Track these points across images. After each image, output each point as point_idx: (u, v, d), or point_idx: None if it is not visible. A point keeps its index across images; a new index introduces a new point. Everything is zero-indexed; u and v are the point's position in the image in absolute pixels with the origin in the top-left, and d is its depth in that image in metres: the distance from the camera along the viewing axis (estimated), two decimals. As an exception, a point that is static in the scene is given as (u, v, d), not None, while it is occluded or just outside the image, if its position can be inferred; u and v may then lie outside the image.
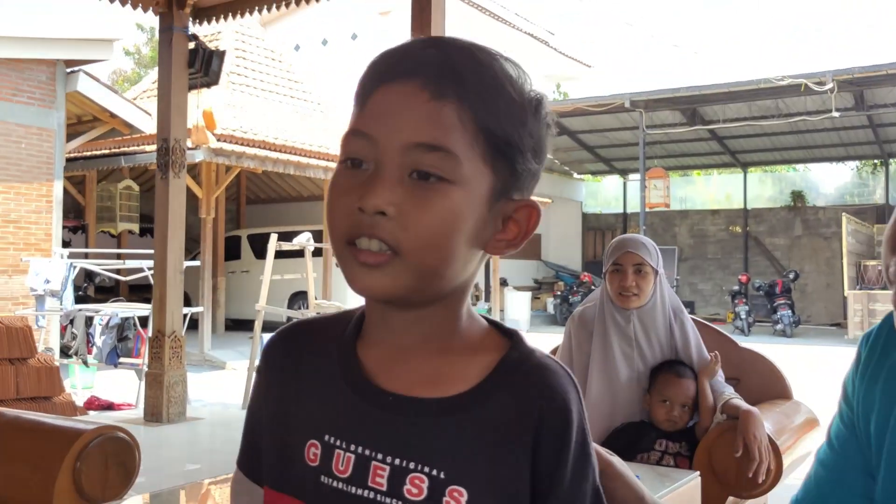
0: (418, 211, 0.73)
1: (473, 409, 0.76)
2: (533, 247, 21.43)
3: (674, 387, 2.53)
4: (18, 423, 2.48)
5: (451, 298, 0.80)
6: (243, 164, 11.12)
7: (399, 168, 0.73)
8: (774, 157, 20.83)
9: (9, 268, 9.62)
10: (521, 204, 0.79)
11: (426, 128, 0.73)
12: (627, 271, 2.57)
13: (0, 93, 9.48)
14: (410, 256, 0.73)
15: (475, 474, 0.73)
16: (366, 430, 0.77)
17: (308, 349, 0.84)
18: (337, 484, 0.76)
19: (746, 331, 15.82)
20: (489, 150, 0.75)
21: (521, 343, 0.81)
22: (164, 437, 6.01)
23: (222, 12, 6.76)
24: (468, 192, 0.74)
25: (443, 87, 0.73)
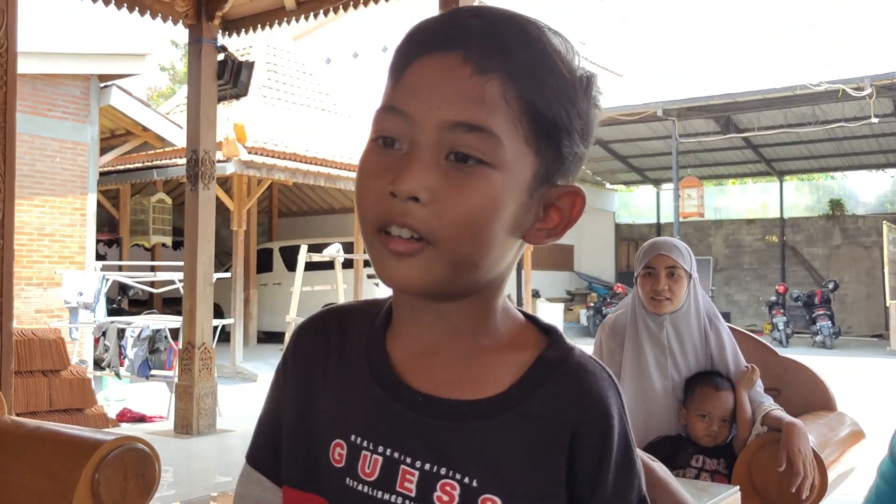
0: (455, 197, 0.66)
1: (508, 412, 0.70)
2: (565, 258, 21.28)
3: (713, 401, 2.42)
4: (38, 434, 2.45)
5: (487, 291, 0.73)
6: (274, 176, 11.16)
7: (435, 149, 0.67)
8: (811, 165, 20.48)
9: (44, 280, 9.73)
10: (564, 191, 0.73)
11: (467, 105, 0.66)
12: (660, 275, 2.47)
13: (36, 108, 9.62)
14: (444, 245, 0.67)
15: (509, 482, 0.68)
16: (394, 431, 0.71)
17: (337, 339, 0.79)
18: (362, 487, 0.71)
19: (784, 342, 15.50)
20: (534, 131, 0.69)
21: (559, 341, 0.74)
22: (194, 449, 5.99)
23: (251, 24, 6.77)
24: (509, 177, 0.68)
25: (487, 60, 0.67)
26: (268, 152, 11.46)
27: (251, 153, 10.97)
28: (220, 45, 6.47)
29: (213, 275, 6.49)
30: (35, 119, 9.60)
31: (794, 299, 16.58)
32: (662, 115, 15.92)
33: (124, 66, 10.30)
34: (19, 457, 2.40)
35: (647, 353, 2.50)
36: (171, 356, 7.45)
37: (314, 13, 6.43)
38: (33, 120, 9.56)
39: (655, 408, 2.49)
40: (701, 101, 15.81)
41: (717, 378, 2.47)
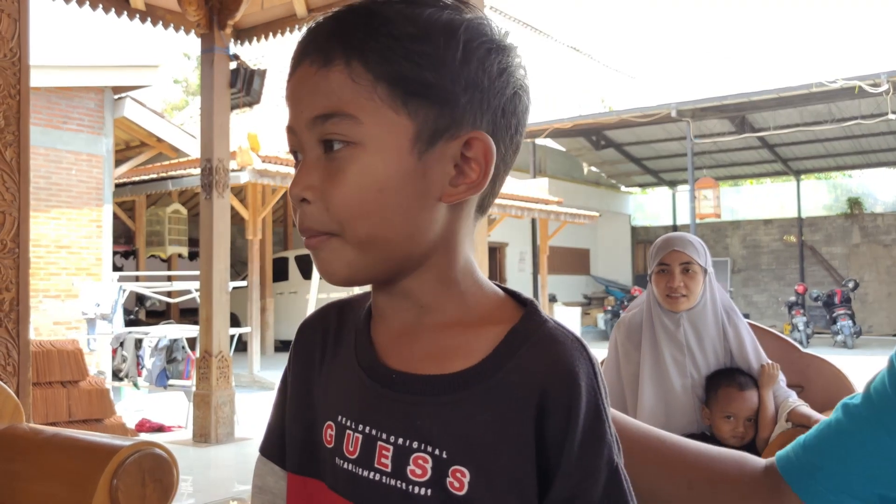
0: (332, 186, 0.70)
1: (477, 385, 0.71)
2: (582, 262, 21.21)
3: (737, 401, 2.37)
4: (56, 441, 2.44)
5: (434, 262, 0.74)
6: (288, 184, 11.18)
7: (313, 148, 0.72)
8: (828, 164, 20.33)
9: (61, 292, 9.78)
10: (463, 139, 0.71)
11: (318, 99, 0.70)
12: (674, 271, 2.42)
13: (51, 121, 9.70)
14: (343, 233, 0.71)
15: (477, 454, 0.69)
16: (372, 409, 0.74)
17: (334, 330, 0.82)
18: (348, 465, 0.74)
19: (805, 342, 15.37)
20: (395, 97, 0.69)
21: (533, 313, 0.74)
22: (213, 457, 5.99)
23: (263, 32, 6.80)
24: (380, 149, 0.70)
25: (328, 53, 0.70)
26: (282, 161, 11.49)
27: (265, 162, 11.01)
28: (232, 53, 6.50)
29: (228, 283, 6.50)
30: (50, 132, 9.67)
31: (814, 299, 16.44)
32: (677, 115, 15.85)
33: (138, 77, 10.37)
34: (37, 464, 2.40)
35: (665, 352, 2.45)
36: (189, 365, 7.46)
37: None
38: (48, 133, 9.63)
39: (676, 407, 2.44)
40: (715, 101, 15.73)
41: (739, 377, 2.42)
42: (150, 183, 12.23)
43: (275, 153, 11.69)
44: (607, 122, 16.95)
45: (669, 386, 2.44)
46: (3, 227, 2.83)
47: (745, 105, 15.65)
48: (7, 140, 2.84)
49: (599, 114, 19.23)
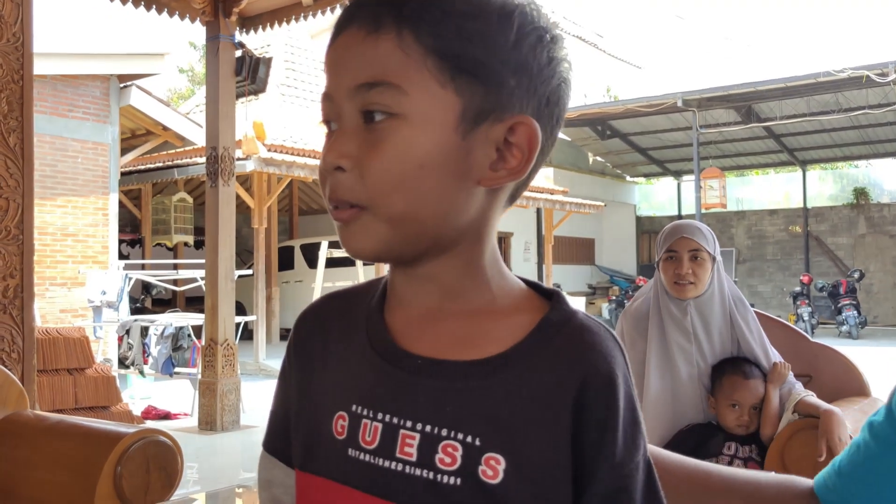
0: (371, 156, 0.68)
1: (511, 371, 0.69)
2: (586, 251, 21.18)
3: (742, 389, 2.35)
4: (60, 428, 2.43)
5: (464, 247, 0.73)
6: (293, 173, 11.18)
7: (352, 116, 0.69)
8: (835, 154, 20.23)
9: (68, 280, 9.80)
10: (510, 123, 0.70)
11: (364, 66, 0.68)
12: (683, 258, 2.39)
13: (56, 109, 9.69)
14: (376, 206, 0.68)
15: (513, 441, 0.67)
16: (393, 396, 0.71)
17: (338, 319, 0.79)
18: (364, 456, 0.70)
19: (810, 333, 15.31)
20: (445, 72, 0.67)
21: (562, 303, 0.73)
22: (219, 445, 6.00)
23: (268, 20, 6.76)
24: (425, 124, 0.67)
25: (378, 20, 0.68)
26: (287, 149, 11.47)
27: (271, 151, 10.99)
28: (237, 41, 6.47)
29: (234, 271, 6.50)
30: (56, 120, 9.67)
31: (819, 290, 16.39)
32: (682, 105, 15.78)
33: (143, 65, 10.35)
34: (41, 451, 2.40)
35: (672, 340, 2.43)
36: (195, 353, 7.47)
37: (331, 8, 6.42)
38: (54, 121, 9.63)
39: (682, 396, 2.42)
40: (721, 90, 15.65)
41: (745, 365, 2.41)
42: (156, 171, 12.23)
43: (280, 141, 11.67)
44: (613, 111, 16.88)
45: (676, 374, 2.42)
46: (6, 213, 2.82)
47: (751, 95, 15.57)
48: (10, 126, 2.83)
49: (605, 103, 19.17)
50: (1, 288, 2.86)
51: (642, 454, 0.70)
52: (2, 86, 2.83)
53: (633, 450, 0.69)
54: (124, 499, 2.19)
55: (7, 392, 2.56)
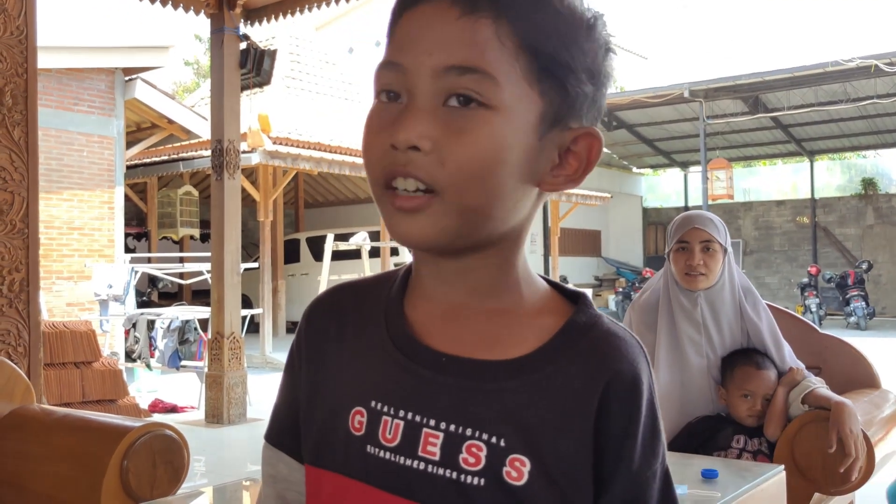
0: (455, 142, 0.64)
1: (537, 372, 0.68)
2: (593, 243, 21.14)
3: (755, 380, 2.33)
4: (67, 422, 2.43)
5: (504, 245, 0.71)
6: (299, 165, 11.17)
7: (432, 96, 0.65)
8: (843, 144, 20.13)
9: (74, 274, 9.82)
10: (578, 133, 0.70)
11: (458, 47, 0.64)
12: (694, 249, 2.37)
13: (62, 102, 9.68)
14: (450, 195, 0.65)
15: (538, 442, 0.66)
16: (416, 394, 0.69)
17: (352, 311, 0.77)
18: (384, 454, 0.69)
19: (818, 324, 15.27)
20: (534, 69, 0.66)
21: (588, 306, 0.73)
22: (225, 438, 6.01)
23: (273, 12, 6.73)
24: (511, 119, 0.66)
25: (475, 1, 0.65)
26: (292, 142, 11.46)
27: (276, 143, 10.98)
28: (242, 34, 6.45)
29: (240, 264, 6.49)
30: (61, 113, 9.66)
31: (827, 281, 16.32)
32: (689, 96, 15.71)
33: (148, 58, 10.34)
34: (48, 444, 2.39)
35: (682, 332, 2.42)
36: (201, 347, 7.48)
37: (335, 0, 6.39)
38: (59, 114, 9.62)
39: (692, 388, 2.41)
40: (728, 81, 15.56)
41: (757, 356, 2.38)
42: (162, 165, 12.23)
43: (286, 134, 11.65)
44: (619, 102, 16.81)
45: (686, 366, 2.41)
46: (11, 207, 2.81)
47: (758, 85, 15.49)
48: (15, 119, 2.82)
49: (611, 94, 19.08)
50: (7, 282, 2.85)
51: (660, 462, 0.70)
52: (6, 79, 2.82)
53: (651, 458, 0.70)
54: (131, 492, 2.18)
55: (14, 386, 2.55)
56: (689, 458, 2.02)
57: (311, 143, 11.69)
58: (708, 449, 2.29)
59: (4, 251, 2.82)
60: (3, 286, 2.82)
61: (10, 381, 2.53)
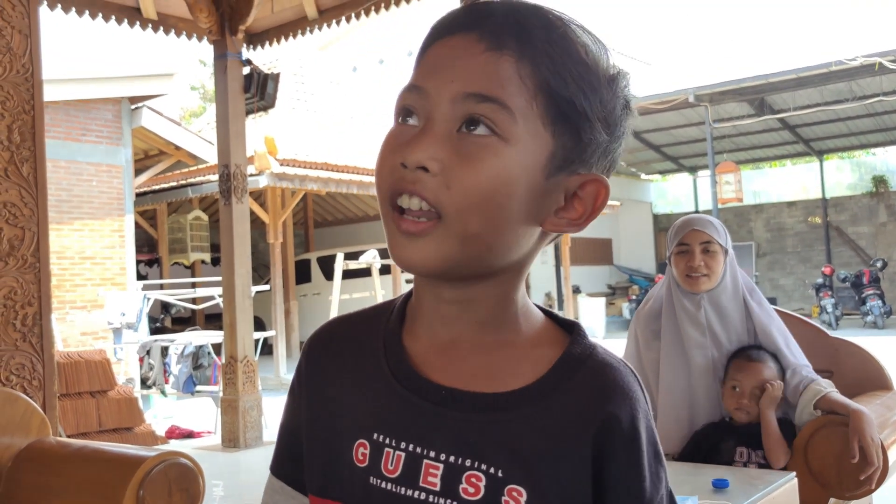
0: (464, 167, 0.66)
1: (535, 405, 0.70)
2: (604, 252, 21.09)
3: (743, 370, 2.30)
4: (83, 454, 2.45)
5: (504, 279, 0.73)
6: (307, 186, 11.22)
7: (448, 121, 0.68)
8: (851, 143, 20.03)
9: (87, 303, 9.88)
10: (586, 178, 0.72)
11: (479, 78, 0.67)
12: (695, 251, 2.37)
13: (70, 133, 9.78)
14: (453, 220, 0.67)
15: (536, 473, 0.68)
16: (417, 426, 0.71)
17: (351, 344, 0.79)
18: (386, 485, 0.70)
19: (834, 325, 15.17)
20: (551, 111, 0.68)
21: (582, 337, 0.75)
22: (242, 462, 6.01)
23: (275, 36, 6.80)
24: (522, 154, 0.68)
25: (502, 39, 0.68)
26: (299, 163, 11.52)
27: (283, 165, 11.04)
28: (245, 58, 6.50)
29: (251, 287, 6.52)
30: (70, 144, 9.76)
31: (842, 280, 16.21)
32: (694, 101, 15.69)
33: (153, 86, 10.44)
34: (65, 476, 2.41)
35: (686, 335, 2.41)
36: (216, 371, 7.50)
37: (336, 20, 6.44)
38: (68, 145, 9.72)
39: (698, 390, 2.39)
40: (733, 84, 15.53)
41: (752, 350, 2.36)
42: (171, 191, 12.31)
43: (292, 155, 11.71)
44: (624, 110, 16.78)
45: (692, 368, 2.40)
46: (22, 242, 2.84)
47: (763, 87, 15.46)
48: (23, 156, 2.86)
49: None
50: (20, 316, 2.88)
51: (665, 486, 0.72)
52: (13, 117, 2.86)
53: (658, 484, 0.71)
54: (147, 522, 2.19)
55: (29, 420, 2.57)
56: (699, 468, 2.01)
57: (317, 164, 11.74)
58: (711, 462, 2.26)
59: (17, 286, 2.85)
60: (17, 321, 2.85)
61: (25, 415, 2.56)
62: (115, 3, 6.17)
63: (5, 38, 2.81)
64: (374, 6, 6.23)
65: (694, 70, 17.19)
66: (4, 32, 2.81)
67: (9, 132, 2.82)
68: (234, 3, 6.20)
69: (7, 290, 2.83)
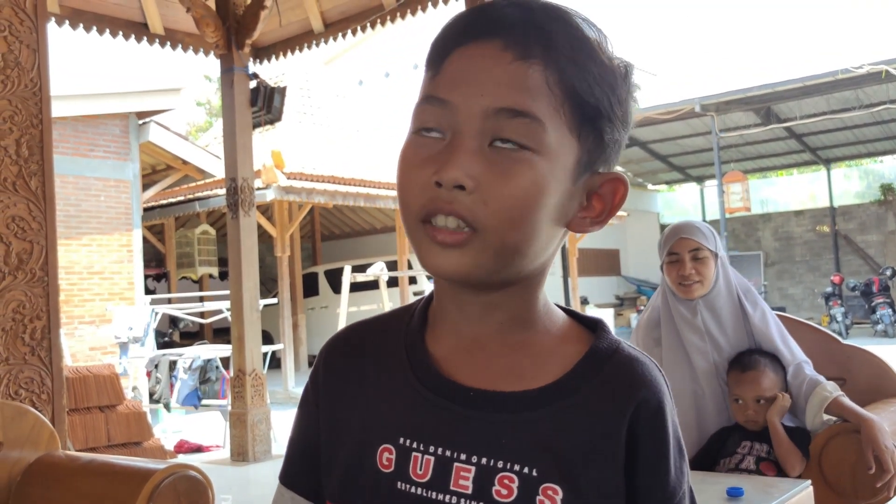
0: (500, 183, 0.66)
1: (563, 401, 0.70)
2: (612, 263, 21.05)
3: (741, 384, 2.30)
4: (91, 468, 2.44)
5: (530, 281, 0.73)
6: (314, 199, 11.24)
7: (479, 136, 0.67)
8: (859, 151, 19.98)
9: (96, 318, 9.89)
10: (606, 178, 0.73)
11: (510, 91, 0.66)
12: (685, 258, 2.38)
13: (77, 149, 9.83)
14: (491, 234, 0.66)
15: (569, 471, 0.67)
16: (445, 429, 0.70)
17: (371, 349, 0.78)
18: (416, 489, 0.69)
19: (844, 334, 15.08)
20: (577, 117, 0.68)
21: (607, 333, 0.75)
22: (252, 475, 6.00)
23: (281, 49, 6.83)
24: (554, 163, 0.68)
25: (527, 47, 0.67)
26: (306, 176, 11.55)
27: (290, 178, 11.07)
28: (251, 72, 6.53)
29: (259, 301, 6.52)
30: (77, 160, 9.80)
31: (851, 289, 16.13)
32: (700, 110, 15.69)
33: (161, 101, 10.49)
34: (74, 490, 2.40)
35: (686, 341, 2.41)
36: (224, 385, 7.49)
37: (342, 34, 6.47)
38: (76, 161, 9.76)
39: (705, 395, 2.38)
40: (739, 93, 15.52)
41: (744, 357, 2.36)
42: (178, 205, 12.35)
43: (299, 169, 11.75)
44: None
45: (695, 373, 2.39)
46: (31, 256, 2.85)
47: (769, 96, 15.44)
48: (32, 170, 2.87)
49: (622, 113, 19.03)
50: (28, 330, 2.88)
51: (687, 481, 0.72)
52: (22, 131, 2.87)
53: (682, 478, 0.71)
54: (157, 536, 2.18)
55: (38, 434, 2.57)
56: (713, 477, 2.00)
57: (324, 177, 11.77)
58: (718, 456, 2.27)
59: (25, 300, 2.85)
60: (25, 335, 2.85)
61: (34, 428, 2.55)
62: (122, 19, 6.21)
63: (14, 52, 2.82)
64: (379, 19, 6.25)
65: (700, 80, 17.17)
66: (13, 47, 2.83)
67: (17, 146, 2.83)
68: (240, 17, 6.23)
69: (16, 304, 2.83)
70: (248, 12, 6.18)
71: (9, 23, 2.83)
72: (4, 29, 2.82)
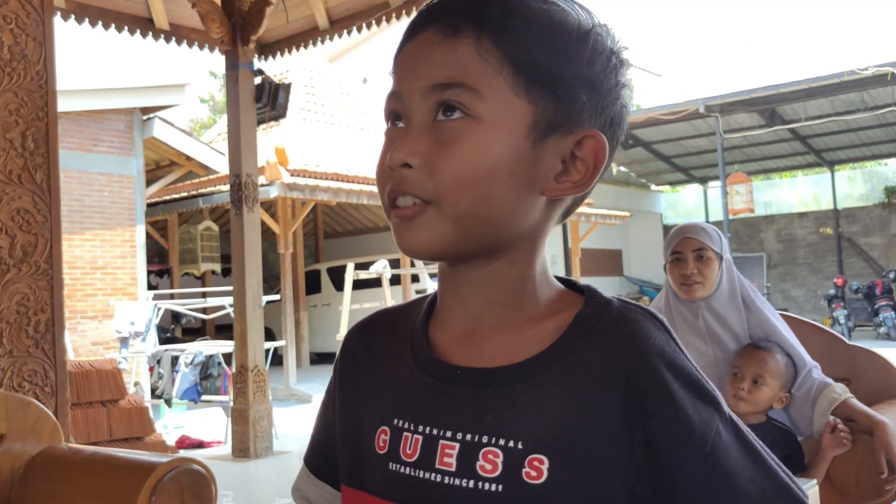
0: (443, 153, 0.68)
1: (550, 370, 0.68)
2: (615, 263, 21.05)
3: (746, 357, 2.26)
4: (94, 460, 2.44)
5: (517, 256, 0.73)
6: (317, 197, 11.24)
7: (423, 115, 0.70)
8: (863, 153, 19.96)
9: (98, 313, 9.90)
10: (579, 136, 0.71)
11: (440, 67, 0.69)
12: (688, 258, 2.34)
13: (82, 144, 9.84)
14: (444, 203, 0.68)
15: (556, 440, 0.66)
16: (433, 408, 0.71)
17: (384, 336, 0.82)
18: (404, 469, 0.71)
19: (847, 336, 15.05)
20: (520, 79, 0.69)
21: (596, 296, 0.73)
22: (253, 471, 6.00)
23: (286, 46, 6.84)
24: (498, 128, 0.68)
25: (457, 24, 0.69)
26: (310, 174, 11.55)
27: (294, 175, 11.07)
28: (256, 69, 6.53)
29: (262, 297, 6.52)
30: (82, 155, 9.81)
31: (854, 291, 16.11)
32: (705, 111, 15.67)
33: (165, 97, 10.49)
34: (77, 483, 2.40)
35: (688, 343, 2.38)
36: (226, 381, 7.49)
37: (347, 30, 6.47)
38: (80, 156, 9.77)
39: None
40: (744, 94, 15.51)
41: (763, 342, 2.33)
42: (181, 201, 12.35)
43: (303, 166, 11.74)
44: (635, 120, 16.81)
45: None
46: (35, 248, 2.84)
47: (774, 97, 15.43)
48: (37, 162, 2.86)
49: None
50: (32, 323, 2.88)
51: (720, 414, 0.67)
52: (27, 123, 2.87)
53: (709, 419, 0.66)
54: (159, 529, 2.18)
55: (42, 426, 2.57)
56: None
57: (328, 174, 11.77)
58: None
59: (30, 292, 2.85)
60: (29, 327, 2.85)
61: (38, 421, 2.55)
62: (127, 14, 6.21)
63: (20, 45, 2.82)
64: (385, 16, 6.25)
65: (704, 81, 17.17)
66: (19, 40, 2.82)
67: (23, 139, 2.83)
68: (245, 13, 6.23)
69: (20, 297, 2.83)
70: (253, 8, 6.18)
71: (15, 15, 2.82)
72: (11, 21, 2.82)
